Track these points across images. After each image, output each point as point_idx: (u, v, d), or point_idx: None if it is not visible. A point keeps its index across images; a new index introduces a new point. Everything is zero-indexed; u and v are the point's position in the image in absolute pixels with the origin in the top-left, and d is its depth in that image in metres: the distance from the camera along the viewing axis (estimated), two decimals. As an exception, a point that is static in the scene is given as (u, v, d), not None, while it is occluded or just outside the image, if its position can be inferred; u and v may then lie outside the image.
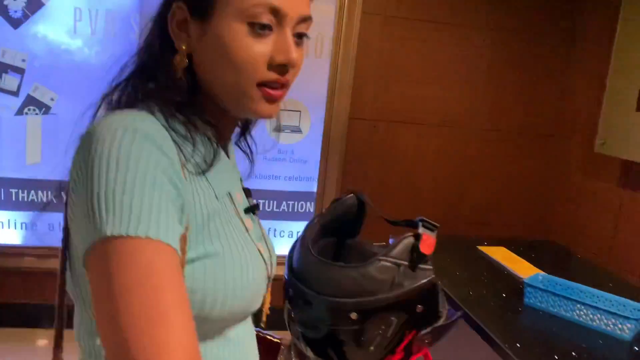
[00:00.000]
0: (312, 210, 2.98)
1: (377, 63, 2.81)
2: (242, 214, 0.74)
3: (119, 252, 0.54)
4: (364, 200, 0.90)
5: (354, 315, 0.74)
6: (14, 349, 2.59)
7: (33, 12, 2.49)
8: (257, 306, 0.74)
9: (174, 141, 0.62)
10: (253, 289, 0.70)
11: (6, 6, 2.46)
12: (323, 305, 0.74)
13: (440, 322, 0.78)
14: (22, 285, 2.72)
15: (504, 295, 1.46)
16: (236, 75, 0.66)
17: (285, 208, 2.94)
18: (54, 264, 1.94)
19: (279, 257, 0.82)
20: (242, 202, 0.76)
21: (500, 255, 1.60)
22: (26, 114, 2.56)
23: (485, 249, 1.56)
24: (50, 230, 2.69)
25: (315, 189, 2.92)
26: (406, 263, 0.76)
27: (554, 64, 2.98)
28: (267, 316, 0.84)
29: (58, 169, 2.47)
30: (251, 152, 0.84)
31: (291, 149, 2.85)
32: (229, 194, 0.72)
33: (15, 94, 2.54)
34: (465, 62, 2.91)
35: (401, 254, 0.77)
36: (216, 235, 0.66)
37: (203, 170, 0.66)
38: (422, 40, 2.83)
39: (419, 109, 2.90)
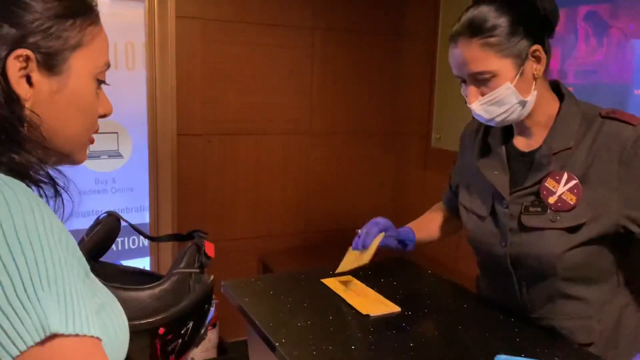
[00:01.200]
0: (147, 244, 2.61)
1: (201, 71, 2.52)
2: None
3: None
4: (121, 219, 0.96)
5: (161, 331, 0.81)
6: None
7: None
8: None
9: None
10: (126, 336, 0.70)
11: None
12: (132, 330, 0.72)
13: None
14: None
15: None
16: (84, 129, 0.71)
17: (115, 247, 2.52)
18: None
19: None
20: None
21: (345, 287, 1.41)
22: None
23: (329, 282, 1.39)
24: None
25: (147, 220, 2.55)
26: (197, 270, 0.88)
27: (385, 63, 2.96)
28: None
29: None
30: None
31: (111, 177, 2.45)
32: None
33: None
34: (297, 65, 2.75)
35: (190, 263, 0.87)
36: (96, 284, 0.67)
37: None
38: (249, 45, 2.61)
39: (255, 118, 2.68)
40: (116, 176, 2.45)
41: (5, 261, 0.52)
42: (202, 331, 0.89)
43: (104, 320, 0.63)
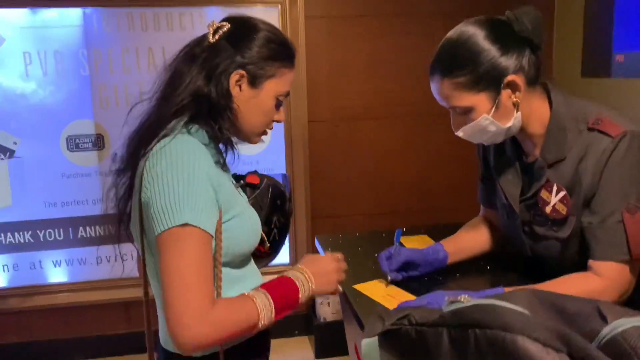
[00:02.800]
0: (285, 216, 3.02)
1: (327, 64, 2.84)
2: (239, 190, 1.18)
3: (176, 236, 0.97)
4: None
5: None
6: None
7: (-16, 62, 2.57)
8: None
9: (211, 154, 1.04)
10: (257, 233, 1.14)
11: (-42, 60, 2.55)
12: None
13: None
14: (11, 326, 2.79)
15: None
16: (260, 125, 1.14)
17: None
18: (39, 301, 2.50)
19: None
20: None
21: (416, 244, 1.60)
22: (-8, 160, 2.64)
23: (405, 240, 1.58)
24: (31, 269, 2.76)
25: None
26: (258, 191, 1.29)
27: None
28: None
29: (30, 209, 2.52)
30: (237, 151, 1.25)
31: (256, 159, 2.89)
32: (232, 179, 1.15)
33: (-21, 142, 2.63)
34: (417, 52, 2.90)
35: (264, 194, 1.27)
36: (236, 202, 1.08)
37: (223, 168, 1.08)
38: (370, 36, 2.85)
39: (377, 104, 2.92)
40: (259, 158, 2.88)
41: (168, 181, 0.98)
42: (287, 214, 1.32)
43: (236, 223, 1.06)
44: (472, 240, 1.45)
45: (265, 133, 1.18)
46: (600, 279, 1.10)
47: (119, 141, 1.16)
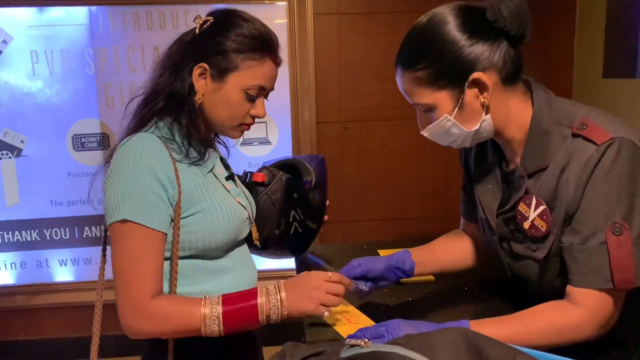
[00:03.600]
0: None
1: (337, 63, 2.73)
2: (223, 181, 1.15)
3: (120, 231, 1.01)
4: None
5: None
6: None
7: (-7, 60, 2.59)
8: (241, 237, 1.18)
9: (169, 149, 1.04)
10: (232, 227, 1.11)
11: (-32, 59, 2.58)
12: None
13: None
14: (19, 323, 2.82)
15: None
16: (229, 119, 1.11)
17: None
18: (47, 299, 2.61)
19: None
20: (223, 173, 1.18)
21: None
22: (0, 158, 2.66)
23: (383, 253, 1.47)
24: (38, 267, 2.78)
25: (292, 199, 2.87)
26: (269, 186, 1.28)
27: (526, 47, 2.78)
28: None
29: (37, 207, 2.51)
30: (225, 144, 1.31)
31: (262, 161, 2.80)
32: (212, 171, 1.13)
33: (-12, 141, 2.66)
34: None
35: (277, 189, 1.27)
36: (202, 198, 1.07)
37: (191, 163, 1.08)
38: (382, 33, 2.72)
39: (390, 104, 2.79)
40: (266, 160, 2.80)
41: (117, 179, 1.01)
42: (310, 203, 1.32)
43: (197, 218, 1.05)
44: (445, 252, 1.30)
45: (243, 127, 1.14)
46: (577, 310, 0.94)
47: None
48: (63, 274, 2.79)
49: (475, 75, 0.97)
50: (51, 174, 2.70)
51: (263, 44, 1.09)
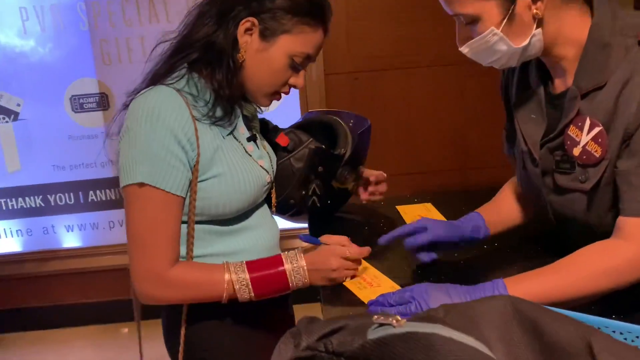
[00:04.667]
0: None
1: (346, 6, 2.54)
2: (244, 142, 1.09)
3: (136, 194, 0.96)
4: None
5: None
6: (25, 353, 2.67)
7: (-20, 20, 2.45)
8: (259, 201, 1.12)
9: (189, 106, 0.98)
10: (249, 194, 1.06)
11: (-45, 18, 2.44)
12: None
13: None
14: (29, 290, 2.78)
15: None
16: (267, 84, 1.05)
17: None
18: (55, 266, 2.54)
19: None
20: (245, 134, 1.10)
21: (416, 213, 1.39)
22: (-4, 123, 2.56)
23: (403, 209, 1.38)
24: (45, 234, 2.71)
25: (302, 156, 2.75)
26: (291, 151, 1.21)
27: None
28: None
29: (40, 173, 2.41)
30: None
31: (268, 117, 2.67)
32: (232, 133, 1.06)
33: (-19, 105, 2.54)
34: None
35: (300, 158, 1.19)
36: (218, 162, 1.01)
37: (213, 123, 1.02)
38: (393, -27, 2.52)
39: (402, 52, 2.61)
40: (273, 116, 2.66)
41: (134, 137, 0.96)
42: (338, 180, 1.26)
43: (212, 184, 1.00)
44: (513, 207, 1.18)
45: (277, 97, 1.08)
46: (628, 245, 0.83)
47: (123, 101, 1.07)
48: (70, 240, 2.73)
49: None
50: (51, 138, 2.59)
51: (320, 11, 1.04)
